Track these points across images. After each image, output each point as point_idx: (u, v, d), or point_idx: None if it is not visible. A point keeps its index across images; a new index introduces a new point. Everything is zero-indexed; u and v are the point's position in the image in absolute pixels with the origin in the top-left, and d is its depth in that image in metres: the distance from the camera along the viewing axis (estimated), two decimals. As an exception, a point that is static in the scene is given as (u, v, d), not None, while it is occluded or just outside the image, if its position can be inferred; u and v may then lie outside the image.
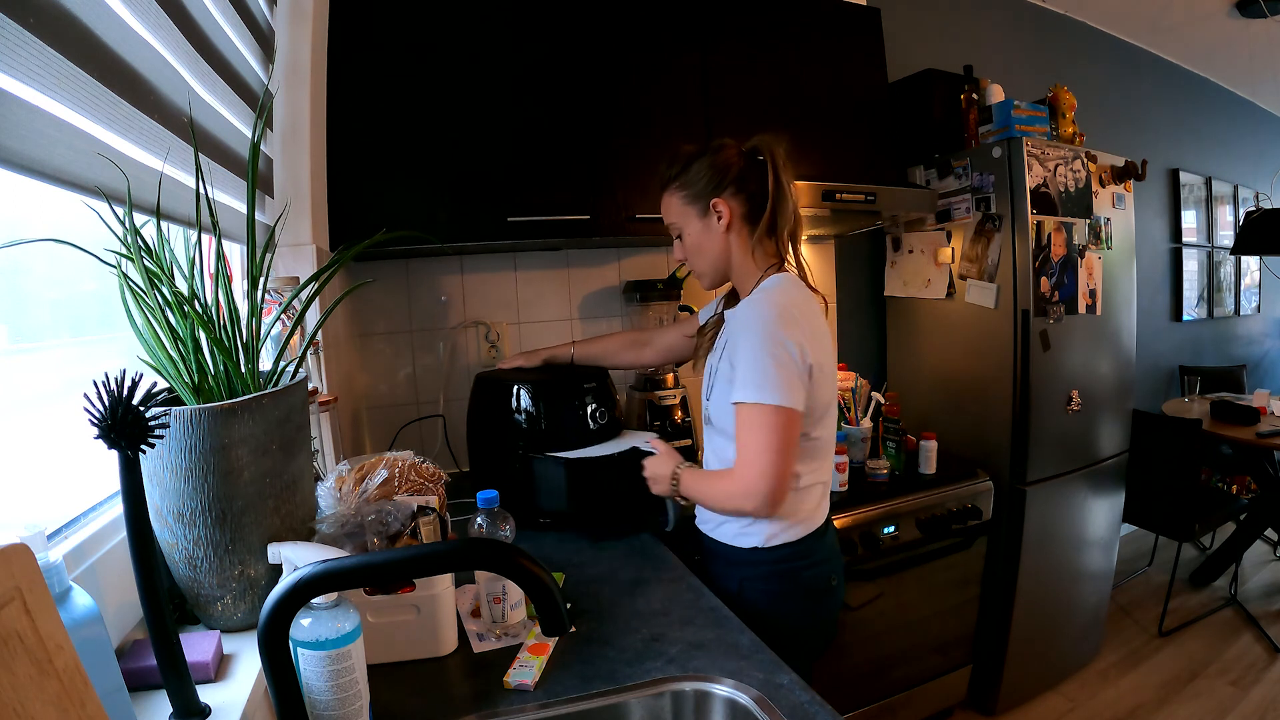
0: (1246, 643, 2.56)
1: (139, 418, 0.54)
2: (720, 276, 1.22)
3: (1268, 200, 4.43)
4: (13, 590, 0.42)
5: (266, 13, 1.27)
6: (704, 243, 1.19)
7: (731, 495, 1.10)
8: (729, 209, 1.15)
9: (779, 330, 1.06)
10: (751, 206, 1.16)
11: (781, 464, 1.05)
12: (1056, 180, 1.98)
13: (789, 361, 1.05)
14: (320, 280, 0.90)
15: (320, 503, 0.94)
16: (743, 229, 1.17)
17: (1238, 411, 2.91)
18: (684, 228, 1.20)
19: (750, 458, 1.06)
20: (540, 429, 1.46)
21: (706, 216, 1.17)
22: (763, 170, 1.14)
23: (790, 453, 1.06)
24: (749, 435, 1.06)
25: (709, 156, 1.16)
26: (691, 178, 1.17)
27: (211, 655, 0.70)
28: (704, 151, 1.18)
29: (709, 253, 1.19)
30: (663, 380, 1.97)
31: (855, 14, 2.02)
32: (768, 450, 1.04)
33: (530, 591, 0.62)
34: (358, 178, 1.50)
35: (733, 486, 1.09)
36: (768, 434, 1.04)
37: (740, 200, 1.15)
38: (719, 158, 1.16)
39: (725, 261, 1.19)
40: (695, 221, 1.18)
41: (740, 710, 0.83)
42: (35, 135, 0.54)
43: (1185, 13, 3.13)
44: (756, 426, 1.05)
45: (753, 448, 1.05)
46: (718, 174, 1.15)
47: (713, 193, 1.15)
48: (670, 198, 1.21)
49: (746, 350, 1.07)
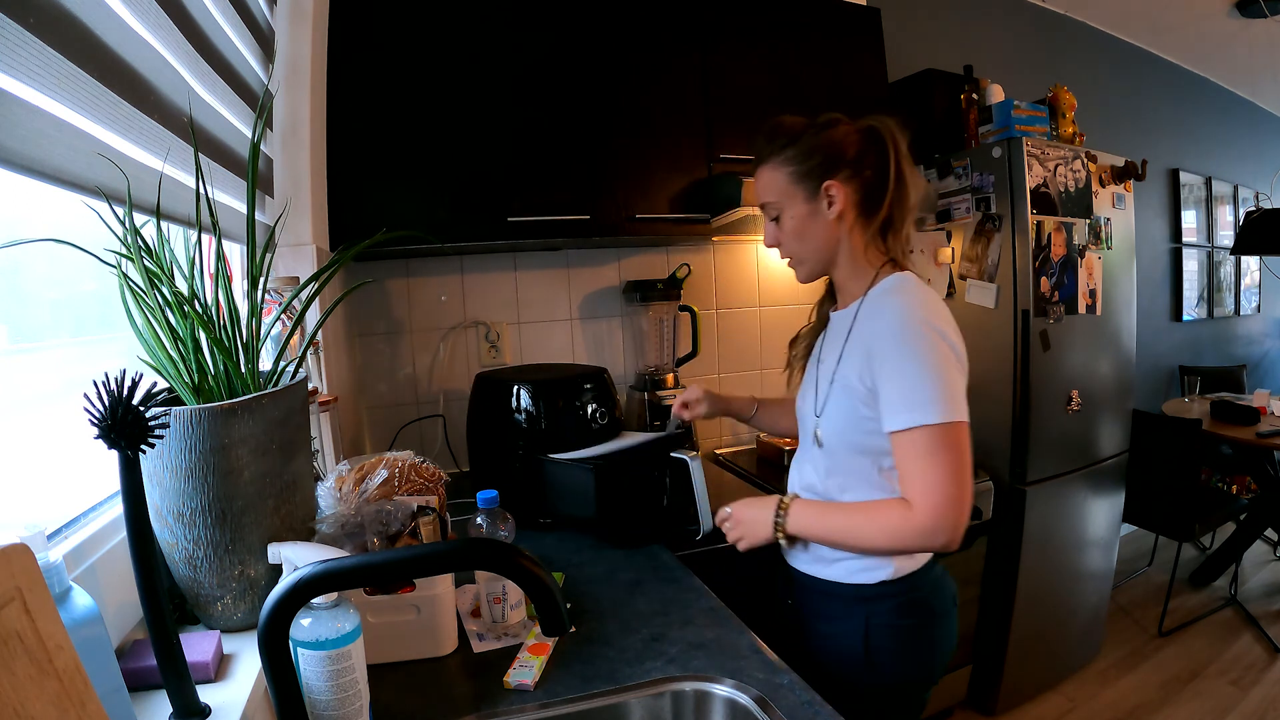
0: (1246, 643, 2.56)
1: (139, 418, 0.54)
2: (821, 268, 1.08)
3: (1268, 200, 4.43)
4: (13, 590, 0.42)
5: (266, 13, 1.27)
6: (810, 229, 1.04)
7: (906, 535, 0.92)
8: (843, 194, 1.00)
9: (937, 332, 0.93)
10: (866, 194, 1.01)
11: (967, 487, 0.91)
12: (1056, 180, 1.98)
13: (955, 365, 0.93)
14: (320, 280, 0.90)
15: (320, 503, 0.94)
16: (855, 219, 1.02)
17: (1238, 411, 2.91)
18: (785, 209, 1.04)
19: (929, 488, 0.90)
20: (540, 429, 1.46)
21: (815, 200, 1.02)
22: (883, 154, 1.00)
23: (970, 472, 0.92)
24: (923, 463, 0.91)
25: (822, 132, 1.02)
26: (801, 153, 1.02)
27: (211, 655, 0.70)
28: (813, 126, 1.03)
29: (813, 240, 1.04)
30: (663, 380, 1.97)
31: (855, 14, 2.02)
32: (953, 474, 0.90)
33: (530, 591, 0.62)
34: (358, 178, 1.50)
35: (908, 525, 0.92)
36: (949, 455, 0.90)
37: (855, 186, 1.01)
38: (834, 134, 1.01)
39: (830, 253, 1.05)
40: (801, 204, 1.03)
41: (740, 710, 0.83)
42: (35, 135, 0.54)
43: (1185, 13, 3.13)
44: (936, 449, 0.90)
45: (930, 476, 0.90)
46: (832, 153, 1.00)
47: (825, 174, 1.00)
48: (773, 173, 1.05)
49: (900, 361, 0.93)
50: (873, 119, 1.02)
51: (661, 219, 1.75)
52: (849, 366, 1.01)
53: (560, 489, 1.37)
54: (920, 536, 0.92)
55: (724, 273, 2.22)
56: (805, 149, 1.02)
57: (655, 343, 2.00)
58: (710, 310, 2.20)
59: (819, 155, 1.01)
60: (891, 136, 1.00)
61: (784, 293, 2.29)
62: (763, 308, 2.27)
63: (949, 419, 0.90)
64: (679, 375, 2.01)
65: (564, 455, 1.38)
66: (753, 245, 2.23)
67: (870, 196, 1.01)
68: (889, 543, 0.95)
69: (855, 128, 1.03)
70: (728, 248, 2.21)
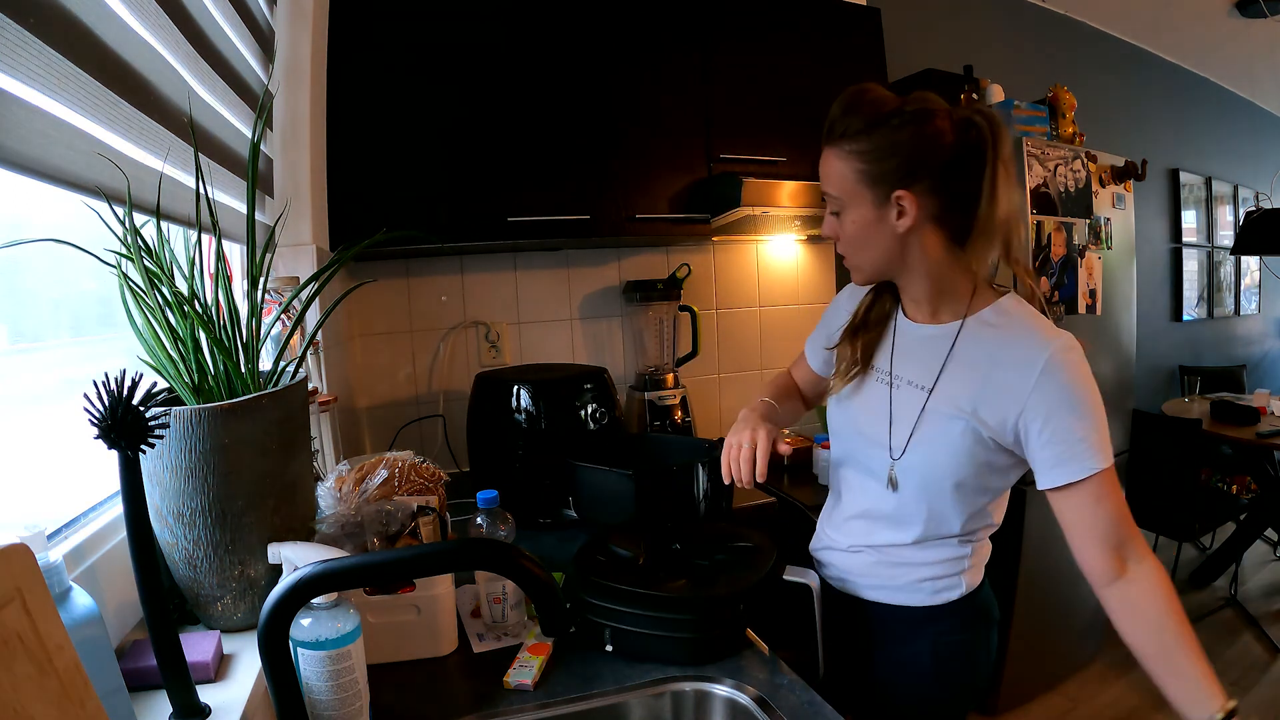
0: (1246, 643, 2.56)
1: (139, 418, 0.54)
2: (880, 278, 0.95)
3: (1268, 200, 4.43)
4: (13, 590, 0.42)
5: (266, 13, 1.27)
6: (871, 237, 0.89)
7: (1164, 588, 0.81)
8: (917, 208, 0.84)
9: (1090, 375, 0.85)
10: (951, 207, 0.86)
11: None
12: (1056, 180, 1.98)
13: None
14: (320, 280, 0.89)
15: (320, 503, 0.94)
16: (932, 231, 0.87)
17: (1238, 411, 2.91)
18: (848, 207, 0.89)
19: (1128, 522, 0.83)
20: (540, 429, 1.46)
21: (884, 207, 0.86)
22: (978, 161, 0.83)
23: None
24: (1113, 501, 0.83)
25: (910, 126, 0.84)
26: (879, 148, 0.84)
27: (211, 655, 0.70)
28: (899, 112, 0.84)
29: (875, 250, 0.90)
30: (663, 380, 1.97)
31: (855, 14, 2.02)
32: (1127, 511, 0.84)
33: (530, 591, 0.62)
34: (357, 178, 1.50)
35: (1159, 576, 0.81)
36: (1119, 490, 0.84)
37: (936, 200, 0.85)
38: (923, 130, 0.83)
39: (893, 266, 0.92)
40: (867, 207, 0.87)
41: (740, 710, 0.83)
42: (35, 135, 0.54)
43: (1185, 13, 3.13)
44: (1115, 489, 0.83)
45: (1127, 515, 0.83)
46: (916, 156, 0.83)
47: (901, 180, 0.84)
48: (840, 163, 0.87)
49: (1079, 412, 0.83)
50: (976, 112, 0.84)
51: (661, 219, 1.75)
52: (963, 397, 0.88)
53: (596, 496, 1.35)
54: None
55: (724, 273, 2.22)
56: (884, 144, 0.84)
57: (655, 343, 2.00)
58: (710, 310, 2.20)
59: (899, 156, 0.84)
60: (994, 136, 0.83)
61: (784, 293, 2.29)
62: (763, 308, 2.27)
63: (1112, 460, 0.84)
64: (679, 375, 2.01)
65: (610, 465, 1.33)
66: (753, 245, 2.23)
67: (956, 209, 0.86)
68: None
69: (952, 123, 0.85)
70: (728, 248, 2.21)
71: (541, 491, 1.45)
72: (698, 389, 2.18)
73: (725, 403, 2.25)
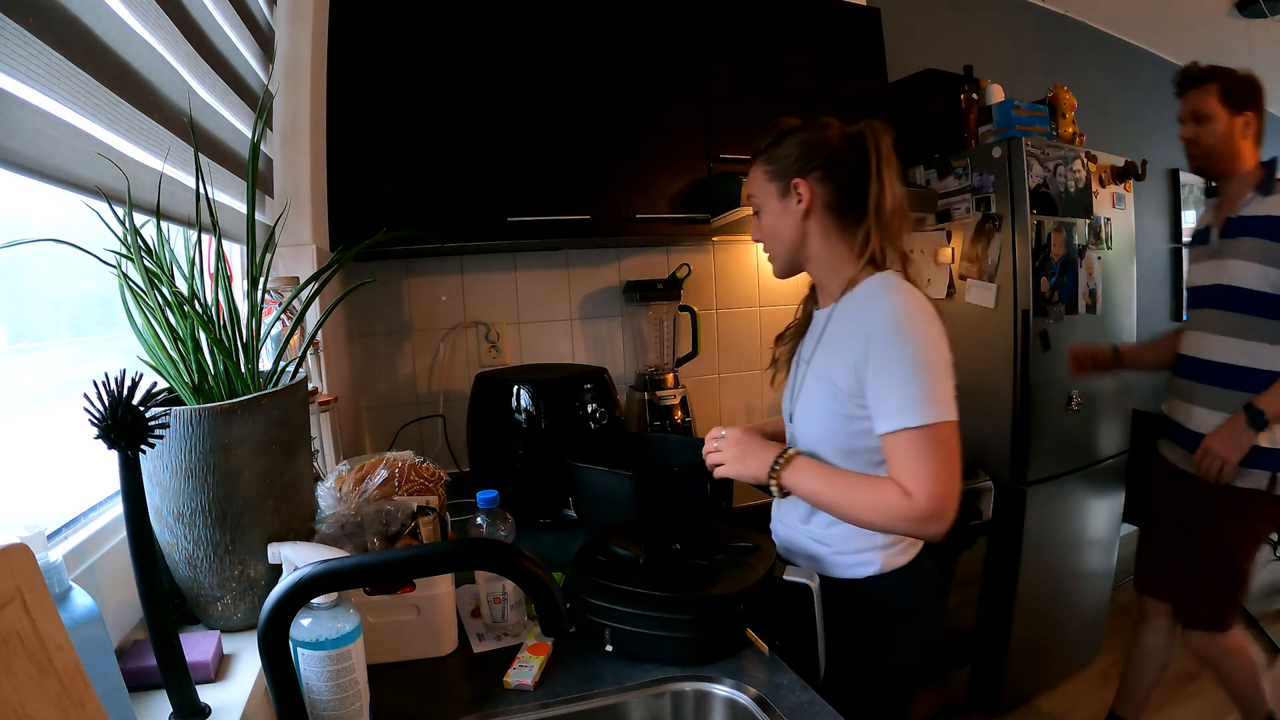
0: (1246, 643, 2.56)
1: (139, 418, 0.54)
2: (792, 265, 1.11)
3: (1268, 200, 4.42)
4: (13, 590, 0.42)
5: (266, 13, 1.27)
6: (779, 226, 1.07)
7: (900, 518, 0.93)
8: (810, 192, 1.02)
9: (925, 332, 0.94)
10: (840, 194, 1.02)
11: (958, 482, 0.93)
12: (1056, 180, 1.98)
13: (943, 364, 0.94)
14: (320, 280, 0.90)
15: (320, 503, 0.94)
16: (827, 219, 1.04)
17: (1238, 411, 2.90)
18: (763, 205, 1.09)
19: (927, 479, 0.91)
20: (540, 429, 1.46)
21: (786, 197, 1.05)
22: (862, 156, 1.01)
23: (960, 468, 0.93)
24: (919, 456, 0.92)
25: (805, 132, 1.04)
26: (780, 152, 1.05)
27: (211, 655, 0.70)
28: (802, 127, 1.06)
29: (782, 237, 1.07)
30: (663, 380, 1.97)
31: (855, 14, 2.02)
32: (946, 470, 0.91)
33: (530, 591, 0.62)
34: (357, 178, 1.50)
35: (905, 510, 0.92)
36: (941, 450, 0.91)
37: (828, 185, 1.02)
38: (814, 135, 1.03)
39: (799, 250, 1.07)
40: (774, 201, 1.06)
41: (740, 710, 0.83)
42: (35, 135, 0.54)
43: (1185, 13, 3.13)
44: (930, 445, 0.91)
45: (929, 468, 0.91)
46: (808, 152, 1.03)
47: (798, 171, 1.03)
48: (755, 171, 1.10)
49: (891, 362, 0.93)
50: (864, 123, 1.03)
51: (661, 219, 1.75)
52: (829, 367, 1.01)
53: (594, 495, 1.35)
54: (917, 523, 0.93)
55: (724, 273, 2.22)
56: (783, 148, 1.05)
57: (655, 343, 2.00)
58: (710, 310, 2.20)
59: (794, 152, 1.03)
60: (875, 139, 1.01)
61: (784, 293, 2.28)
62: (763, 308, 2.28)
63: (941, 419, 0.92)
64: (679, 375, 2.01)
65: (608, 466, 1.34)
66: (753, 245, 2.22)
67: (845, 197, 1.02)
68: (880, 519, 0.96)
69: (840, 130, 1.04)
70: (728, 248, 2.21)
71: (541, 491, 1.45)
72: (698, 389, 2.18)
73: (725, 403, 2.25)
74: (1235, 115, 1.63)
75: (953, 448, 0.93)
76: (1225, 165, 1.67)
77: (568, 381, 1.52)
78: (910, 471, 0.93)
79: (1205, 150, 1.67)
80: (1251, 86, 1.65)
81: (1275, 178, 1.62)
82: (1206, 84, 1.65)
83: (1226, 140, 1.64)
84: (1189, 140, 1.70)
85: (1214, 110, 1.64)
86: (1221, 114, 1.64)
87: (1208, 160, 1.69)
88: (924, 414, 0.91)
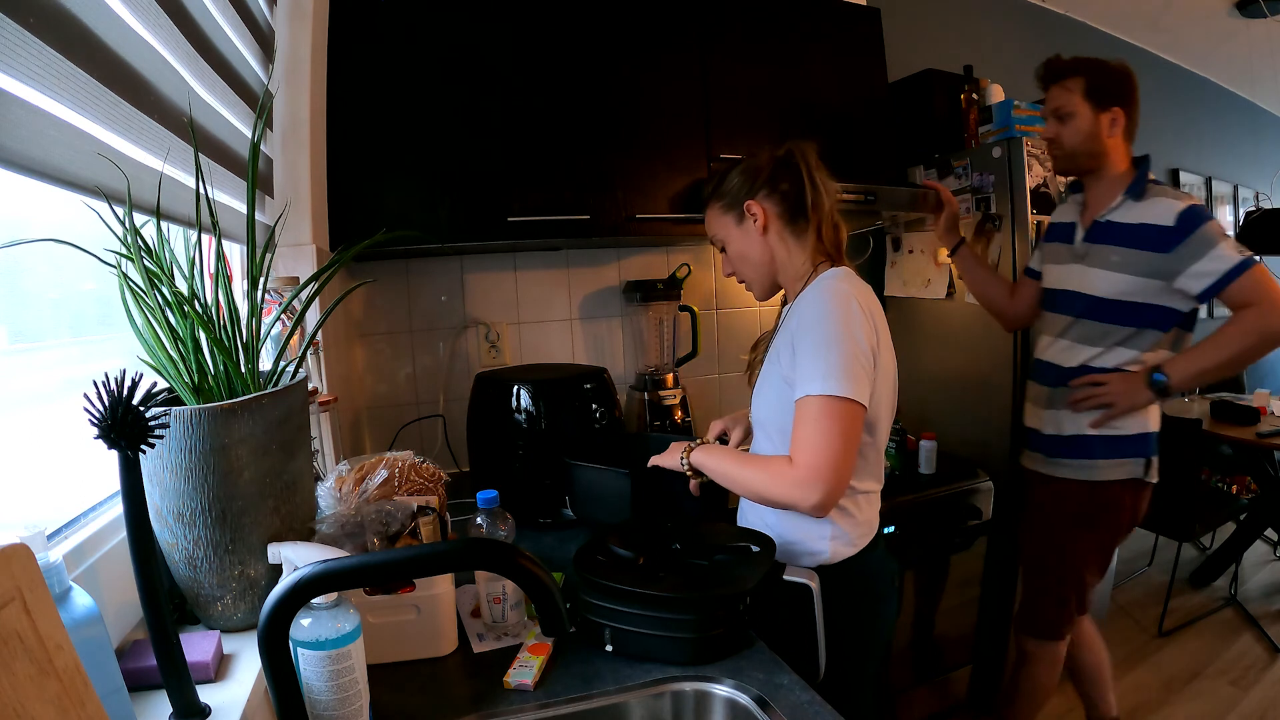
0: (1246, 643, 2.56)
1: (139, 418, 0.54)
2: (770, 283, 1.19)
3: (1268, 200, 4.43)
4: (13, 590, 0.42)
5: (266, 13, 1.27)
6: (745, 249, 1.17)
7: (780, 483, 0.98)
8: (763, 210, 1.13)
9: (843, 317, 1.00)
10: (787, 205, 1.13)
11: (845, 460, 0.96)
12: (1056, 180, 1.98)
13: (856, 351, 0.99)
14: (320, 280, 0.90)
15: (320, 503, 0.94)
16: (782, 229, 1.14)
17: (1238, 411, 2.91)
18: (725, 238, 1.19)
19: (809, 447, 0.96)
20: (540, 429, 1.46)
21: (743, 222, 1.16)
22: (795, 169, 1.13)
23: (854, 449, 0.98)
24: (810, 426, 0.97)
25: (741, 164, 1.17)
26: (726, 187, 1.17)
27: (211, 655, 0.70)
28: (738, 162, 1.18)
29: (751, 258, 1.17)
30: (663, 380, 1.97)
31: (855, 14, 2.02)
32: (831, 442, 0.95)
33: (530, 591, 0.62)
34: (358, 178, 1.50)
35: (784, 475, 0.98)
36: (831, 423, 0.96)
37: (774, 200, 1.14)
38: (750, 163, 1.16)
39: (770, 265, 1.17)
40: (734, 229, 1.17)
41: (740, 710, 0.83)
42: (35, 135, 0.54)
43: (1185, 13, 3.13)
44: (820, 417, 0.96)
45: (813, 438, 0.96)
46: (749, 178, 1.15)
47: (746, 196, 1.15)
48: (710, 212, 1.21)
49: (809, 340, 1.01)
50: (789, 143, 1.16)
51: (661, 219, 1.75)
52: (775, 350, 1.11)
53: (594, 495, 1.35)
54: (792, 488, 0.98)
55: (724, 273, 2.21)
56: (729, 183, 1.17)
57: (655, 343, 2.00)
58: (710, 310, 2.20)
59: (737, 183, 1.16)
60: (800, 152, 1.14)
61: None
62: (763, 308, 2.27)
63: (840, 394, 0.96)
64: (679, 375, 2.01)
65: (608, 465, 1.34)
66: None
67: (792, 206, 1.13)
68: (765, 488, 1.02)
69: (770, 153, 1.16)
70: (728, 248, 2.20)
71: (541, 491, 1.45)
72: (698, 389, 2.18)
73: (725, 403, 2.25)
74: (1101, 112, 1.51)
75: (846, 425, 0.97)
76: (1089, 166, 1.56)
77: (568, 381, 1.52)
78: (799, 437, 0.99)
79: (1068, 150, 1.56)
80: (1121, 78, 1.53)
81: (1148, 178, 1.50)
82: (1069, 78, 1.54)
83: (1091, 139, 1.53)
84: (1050, 140, 1.60)
85: (1077, 107, 1.53)
86: (1085, 111, 1.52)
87: (1071, 161, 1.58)
88: (826, 386, 0.97)
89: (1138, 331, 1.51)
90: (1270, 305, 1.36)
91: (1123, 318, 1.51)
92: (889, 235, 2.40)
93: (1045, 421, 1.64)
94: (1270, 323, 1.36)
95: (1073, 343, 1.59)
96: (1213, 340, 1.43)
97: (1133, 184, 1.51)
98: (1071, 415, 1.57)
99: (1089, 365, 1.55)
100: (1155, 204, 1.46)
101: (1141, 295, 1.48)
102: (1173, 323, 1.49)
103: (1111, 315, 1.52)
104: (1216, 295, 1.41)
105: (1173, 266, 1.43)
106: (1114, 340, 1.53)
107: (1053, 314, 1.66)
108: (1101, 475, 1.55)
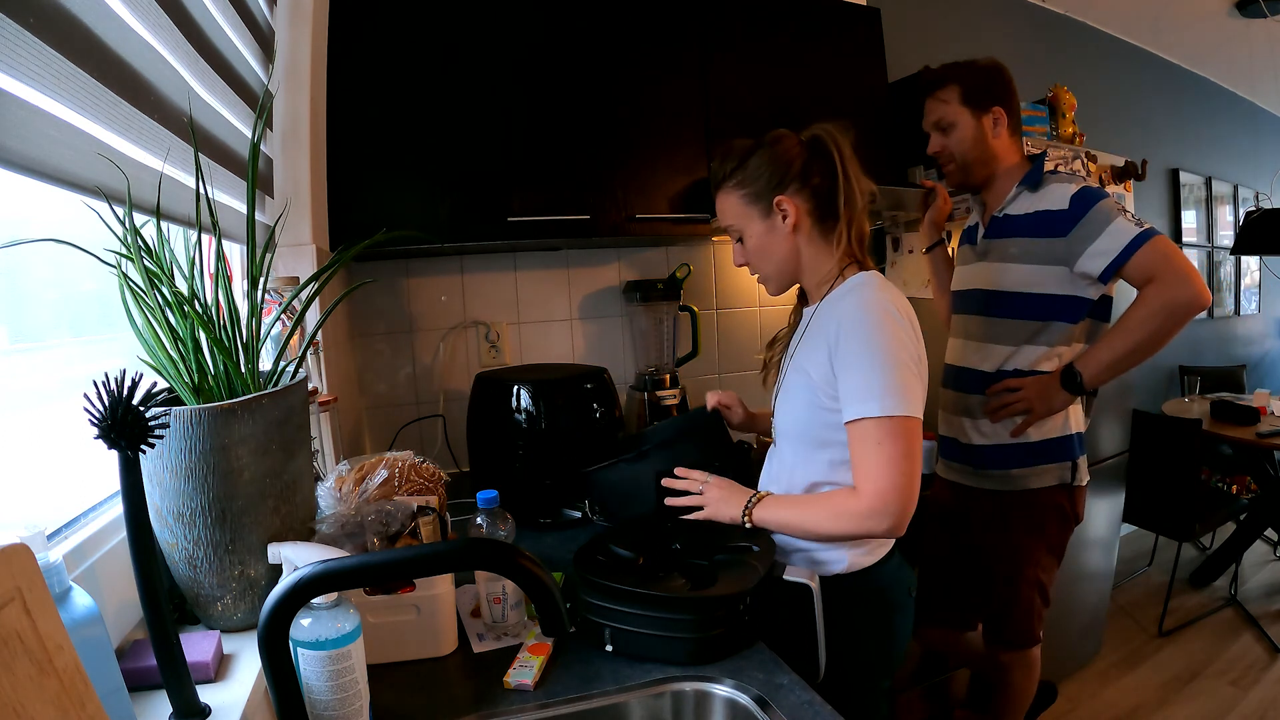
0: (1246, 643, 2.56)
1: (139, 418, 0.54)
2: (788, 280, 1.13)
3: (1268, 200, 4.43)
4: (13, 590, 0.42)
5: (266, 13, 1.27)
6: (769, 245, 1.08)
7: (851, 519, 0.97)
8: (795, 207, 1.05)
9: (890, 330, 0.96)
10: (818, 202, 1.05)
11: (912, 478, 0.94)
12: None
13: (906, 361, 0.96)
14: (320, 280, 0.90)
15: (320, 503, 0.94)
16: (811, 228, 1.07)
17: (1238, 411, 2.91)
18: (745, 230, 1.10)
19: (875, 475, 0.94)
20: (540, 429, 1.46)
21: (770, 217, 1.06)
22: (828, 162, 1.04)
23: (918, 464, 0.95)
24: (872, 452, 0.94)
25: (767, 150, 1.06)
26: (750, 174, 1.06)
27: (211, 655, 0.70)
28: (760, 145, 1.07)
29: (775, 256, 1.09)
30: (663, 380, 1.97)
31: (855, 14, 2.02)
32: (896, 464, 0.93)
33: (530, 591, 0.62)
34: (357, 178, 1.50)
35: (853, 509, 0.96)
36: (894, 445, 0.93)
37: (805, 196, 1.05)
38: (779, 150, 1.05)
39: (794, 264, 1.09)
40: (758, 223, 1.08)
41: (740, 710, 0.83)
42: (35, 135, 0.54)
43: (1185, 13, 3.13)
44: (883, 440, 0.94)
45: (879, 464, 0.94)
46: (780, 169, 1.05)
47: (775, 190, 1.05)
48: (727, 197, 1.10)
49: (853, 357, 0.96)
50: (816, 127, 1.06)
51: (661, 219, 1.75)
52: (806, 359, 1.06)
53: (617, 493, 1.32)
54: (863, 520, 0.96)
55: (724, 273, 2.22)
56: (753, 170, 1.06)
57: (655, 343, 2.00)
58: (710, 310, 2.20)
59: (766, 173, 1.05)
60: (834, 142, 1.04)
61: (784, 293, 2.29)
62: (763, 308, 2.28)
63: (900, 412, 0.94)
64: (679, 375, 2.01)
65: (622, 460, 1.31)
66: (753, 245, 2.23)
67: (822, 203, 1.06)
68: (836, 526, 1.00)
69: (799, 139, 1.07)
70: (727, 248, 2.19)
71: (541, 491, 1.45)
72: (698, 389, 2.18)
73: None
74: (981, 115, 1.47)
75: (907, 442, 0.94)
76: (983, 174, 1.52)
77: (568, 381, 1.52)
78: (861, 463, 0.96)
79: (959, 162, 1.52)
80: (994, 77, 1.49)
81: (1044, 169, 1.46)
82: (942, 89, 1.51)
83: (977, 144, 1.49)
84: (937, 154, 1.54)
85: (956, 116, 1.49)
86: (965, 118, 1.48)
87: (965, 172, 1.53)
88: (884, 406, 0.93)
89: (1045, 325, 1.44)
90: (1174, 276, 1.29)
91: (1026, 311, 1.45)
92: (889, 235, 2.40)
93: (965, 431, 1.57)
94: (1175, 295, 1.29)
95: (981, 343, 1.53)
96: (1120, 326, 1.36)
97: (1028, 175, 1.46)
98: (990, 424, 1.51)
99: (1004, 370, 1.49)
100: (1050, 190, 1.42)
101: (1043, 285, 1.42)
102: (1082, 313, 1.43)
103: (1014, 309, 1.46)
104: (1119, 273, 1.35)
105: (1071, 250, 1.37)
106: (1022, 337, 1.46)
107: (959, 316, 1.62)
108: (1028, 484, 1.49)
